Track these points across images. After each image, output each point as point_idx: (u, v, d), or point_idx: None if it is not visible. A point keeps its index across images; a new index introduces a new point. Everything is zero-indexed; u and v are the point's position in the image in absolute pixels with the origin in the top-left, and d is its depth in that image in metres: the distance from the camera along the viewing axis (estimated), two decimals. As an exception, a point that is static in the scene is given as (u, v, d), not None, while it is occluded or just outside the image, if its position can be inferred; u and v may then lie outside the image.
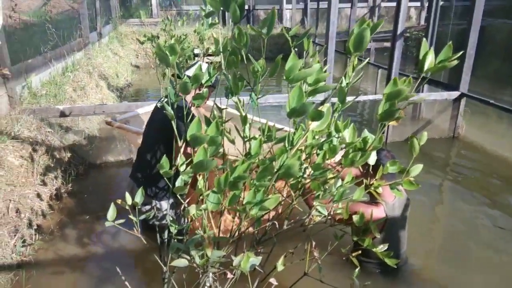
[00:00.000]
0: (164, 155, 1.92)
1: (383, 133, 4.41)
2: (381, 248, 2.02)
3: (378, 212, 2.33)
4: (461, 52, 1.60)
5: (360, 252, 2.20)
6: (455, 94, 5.09)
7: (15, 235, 2.76)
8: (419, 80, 1.63)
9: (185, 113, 2.12)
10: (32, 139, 3.68)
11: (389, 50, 5.09)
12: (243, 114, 2.00)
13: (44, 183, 3.45)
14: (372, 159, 1.92)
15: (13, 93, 3.97)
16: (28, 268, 2.62)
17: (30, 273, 2.57)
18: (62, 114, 4.14)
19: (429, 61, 1.55)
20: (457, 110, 5.17)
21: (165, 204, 2.65)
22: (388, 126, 5.00)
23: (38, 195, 3.29)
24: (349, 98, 1.89)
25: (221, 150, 2.07)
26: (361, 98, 5.03)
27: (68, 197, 3.59)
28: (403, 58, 6.36)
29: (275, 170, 1.68)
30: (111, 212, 2.00)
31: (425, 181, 3.98)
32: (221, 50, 1.87)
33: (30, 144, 3.60)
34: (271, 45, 11.37)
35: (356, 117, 6.47)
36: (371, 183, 2.08)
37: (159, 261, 2.20)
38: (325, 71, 1.58)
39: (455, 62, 1.53)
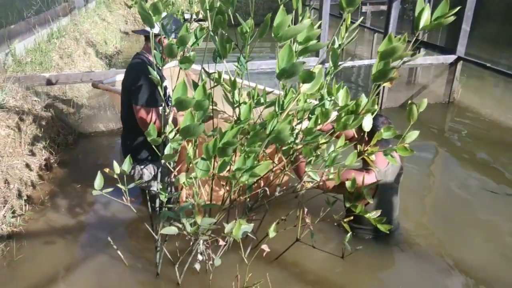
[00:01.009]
0: (152, 123, 1.85)
1: (377, 97, 4.33)
2: (374, 214, 2.00)
3: (369, 179, 2.30)
4: (458, 8, 1.51)
5: (352, 218, 2.19)
6: (451, 58, 4.98)
7: (4, 206, 2.72)
8: (414, 40, 1.55)
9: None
10: (18, 108, 3.58)
11: (385, 13, 4.93)
12: (232, 78, 1.92)
13: (32, 153, 3.38)
14: (367, 125, 1.86)
15: (-4, 60, 3.83)
16: (19, 238, 2.59)
17: (21, 244, 2.54)
18: (48, 82, 4.01)
19: (425, 18, 1.47)
20: (453, 74, 5.08)
21: (146, 172, 2.62)
22: (383, 91, 4.92)
23: (27, 166, 3.23)
24: (346, 64, 1.81)
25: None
26: (356, 62, 4.91)
27: (58, 167, 3.53)
28: (400, 22, 6.18)
29: (266, 135, 1.62)
30: (98, 181, 1.96)
31: (419, 147, 3.95)
32: (207, 8, 1.76)
33: (17, 113, 3.50)
34: (265, 9, 11.04)
35: (351, 84, 6.37)
36: (365, 149, 2.04)
37: (150, 229, 2.17)
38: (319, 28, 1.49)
39: (452, 19, 1.45)
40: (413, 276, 2.33)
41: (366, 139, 2.19)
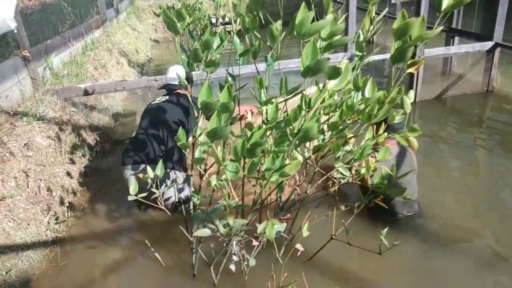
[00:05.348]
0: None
1: (411, 89, 4.20)
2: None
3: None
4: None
5: (382, 197, 2.12)
6: (488, 44, 4.76)
7: (48, 213, 2.85)
8: (439, 24, 1.49)
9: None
10: (58, 119, 3.74)
11: (415, 3, 4.77)
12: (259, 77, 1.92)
13: (72, 162, 3.52)
14: None
15: (35, 74, 4.01)
16: (63, 244, 2.71)
17: (64, 249, 2.66)
18: (85, 93, 4.17)
19: (447, -2, 1.42)
20: (490, 62, 4.85)
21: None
22: (417, 83, 4.76)
23: (68, 174, 3.37)
24: (375, 57, 1.77)
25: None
26: (387, 55, 4.78)
27: (96, 174, 3.66)
28: (432, 11, 5.96)
29: (294, 133, 1.61)
30: (133, 186, 2.01)
31: (459, 138, 3.79)
32: (239, 10, 1.75)
33: (56, 124, 3.66)
34: (291, 7, 10.98)
35: (384, 78, 6.21)
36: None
37: (184, 231, 2.21)
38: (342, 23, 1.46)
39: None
40: (457, 273, 2.24)
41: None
